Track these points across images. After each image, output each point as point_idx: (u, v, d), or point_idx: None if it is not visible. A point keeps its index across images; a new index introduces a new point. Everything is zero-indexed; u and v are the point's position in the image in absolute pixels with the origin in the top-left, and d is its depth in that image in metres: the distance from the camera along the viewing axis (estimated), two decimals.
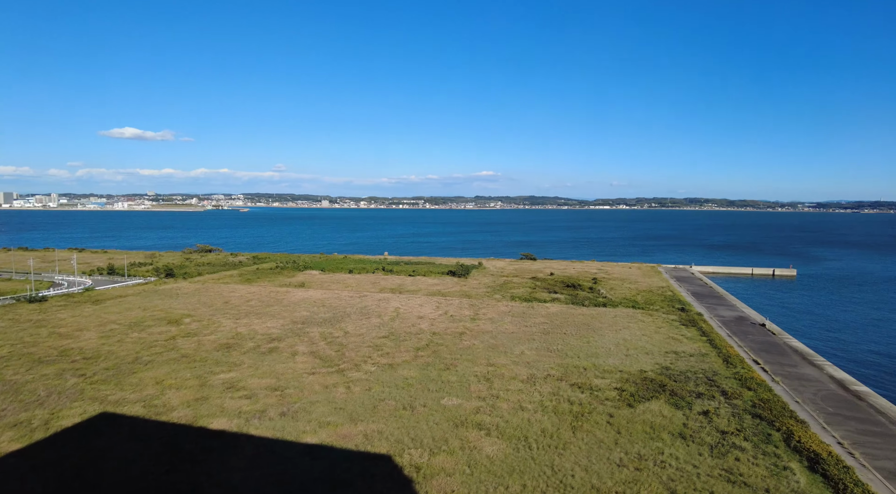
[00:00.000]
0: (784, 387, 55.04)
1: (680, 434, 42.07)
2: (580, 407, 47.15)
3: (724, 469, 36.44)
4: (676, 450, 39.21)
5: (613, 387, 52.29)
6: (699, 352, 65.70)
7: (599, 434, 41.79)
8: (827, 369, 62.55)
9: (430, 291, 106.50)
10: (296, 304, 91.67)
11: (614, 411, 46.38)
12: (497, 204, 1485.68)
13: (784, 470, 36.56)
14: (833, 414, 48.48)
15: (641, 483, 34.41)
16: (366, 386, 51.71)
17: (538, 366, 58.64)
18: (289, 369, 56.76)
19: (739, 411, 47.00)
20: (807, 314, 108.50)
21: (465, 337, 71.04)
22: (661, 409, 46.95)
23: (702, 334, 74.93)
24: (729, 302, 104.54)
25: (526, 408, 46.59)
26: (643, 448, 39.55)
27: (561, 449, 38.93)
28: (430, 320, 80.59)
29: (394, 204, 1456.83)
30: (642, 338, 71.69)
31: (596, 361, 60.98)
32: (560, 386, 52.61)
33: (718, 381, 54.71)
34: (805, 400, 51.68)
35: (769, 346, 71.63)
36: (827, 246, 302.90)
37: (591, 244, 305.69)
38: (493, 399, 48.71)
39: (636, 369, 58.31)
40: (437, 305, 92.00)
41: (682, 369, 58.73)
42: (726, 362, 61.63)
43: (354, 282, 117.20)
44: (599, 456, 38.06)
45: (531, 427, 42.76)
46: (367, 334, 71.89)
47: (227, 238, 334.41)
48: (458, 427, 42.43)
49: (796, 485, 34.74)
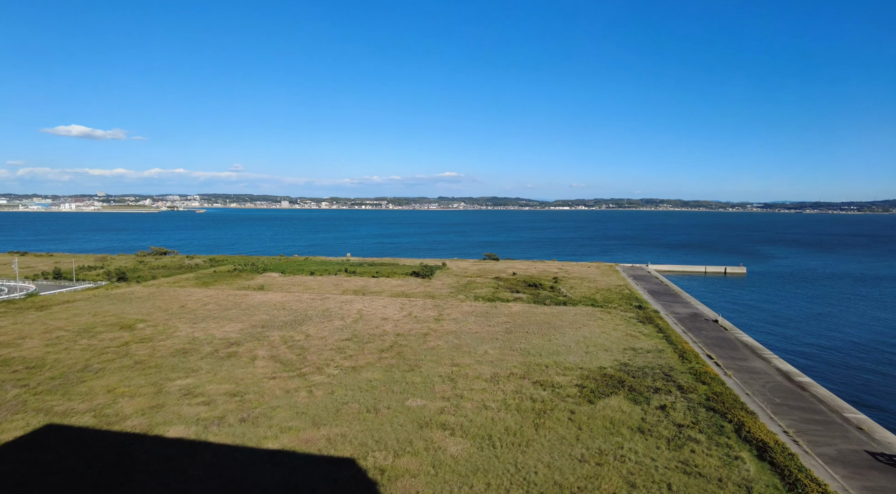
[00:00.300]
0: (735, 381, 57.40)
1: (639, 428, 43.29)
2: (542, 404, 47.89)
3: (680, 461, 37.71)
4: (635, 444, 40.34)
5: (574, 384, 53.34)
6: (656, 349, 67.75)
7: (561, 430, 42.56)
8: (774, 362, 65.60)
9: (394, 292, 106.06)
10: (255, 308, 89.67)
11: (575, 407, 47.33)
12: (460, 204, 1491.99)
13: (735, 460, 38.13)
14: (779, 405, 50.89)
15: (602, 477, 35.24)
16: (328, 389, 51.07)
17: (501, 365, 59.23)
18: (248, 374, 55.47)
19: (694, 404, 48.73)
20: (756, 309, 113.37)
21: (430, 337, 71.07)
22: (620, 405, 48.20)
23: (658, 331, 77.28)
24: (684, 299, 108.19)
25: (490, 407, 47.00)
26: (604, 443, 40.51)
27: (524, 447, 39.46)
28: (393, 321, 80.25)
29: (356, 204, 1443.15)
30: (601, 336, 73.40)
31: (557, 359, 62.05)
32: (523, 384, 53.30)
33: (675, 376, 56.56)
34: (754, 392, 54.05)
35: (721, 341, 74.54)
36: (774, 244, 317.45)
37: (552, 244, 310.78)
38: (457, 399, 48.92)
39: (596, 366, 59.66)
40: (401, 306, 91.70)
41: (640, 365, 60.44)
42: (682, 357, 63.78)
43: (316, 285, 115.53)
44: (561, 453, 38.76)
45: (495, 425, 43.16)
46: (329, 337, 70.99)
47: (184, 240, 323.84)
48: (423, 428, 42.43)
49: (746, 473, 36.30)
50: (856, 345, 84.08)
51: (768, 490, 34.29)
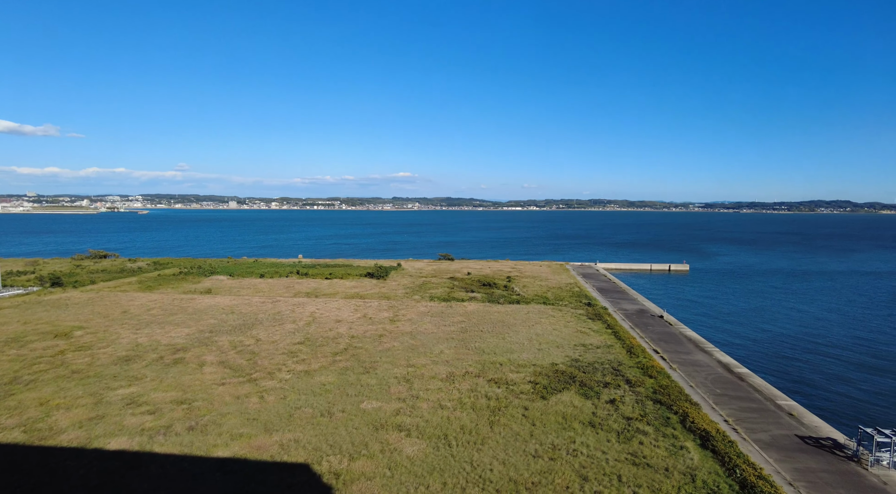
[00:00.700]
0: (680, 373, 59.97)
1: (590, 422, 44.55)
2: (497, 401, 48.53)
3: (629, 453, 39.07)
4: (587, 438, 41.50)
5: (528, 381, 54.33)
6: (605, 344, 69.88)
7: (516, 427, 43.27)
8: (715, 354, 68.95)
9: (348, 294, 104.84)
10: (202, 312, 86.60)
11: (529, 404, 48.21)
12: (415, 205, 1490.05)
13: (681, 450, 39.86)
14: (720, 395, 53.55)
15: (555, 472, 36.08)
16: (280, 394, 49.97)
17: (457, 364, 59.61)
18: (196, 380, 53.55)
19: (642, 397, 50.57)
20: (698, 305, 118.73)
21: (385, 339, 70.69)
22: (571, 400, 49.46)
23: (607, 327, 79.72)
24: (631, 296, 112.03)
25: (445, 407, 47.22)
26: (556, 438, 41.47)
27: (479, 445, 39.89)
28: (348, 324, 79.34)
29: (308, 205, 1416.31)
30: (553, 333, 75.04)
31: (511, 356, 63.01)
32: (478, 382, 53.84)
33: (623, 371, 58.52)
34: (697, 384, 56.65)
35: (667, 336, 77.66)
36: (715, 242, 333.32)
37: (506, 244, 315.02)
38: (413, 399, 48.90)
39: (548, 362, 60.96)
40: (356, 308, 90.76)
41: (591, 360, 62.19)
42: (630, 352, 66.05)
43: (266, 287, 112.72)
44: (516, 449, 39.41)
45: (451, 424, 43.41)
46: (280, 341, 69.44)
47: (125, 242, 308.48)
48: (379, 430, 42.19)
49: (690, 462, 38.03)
50: (787, 337, 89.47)
51: (710, 476, 36.04)
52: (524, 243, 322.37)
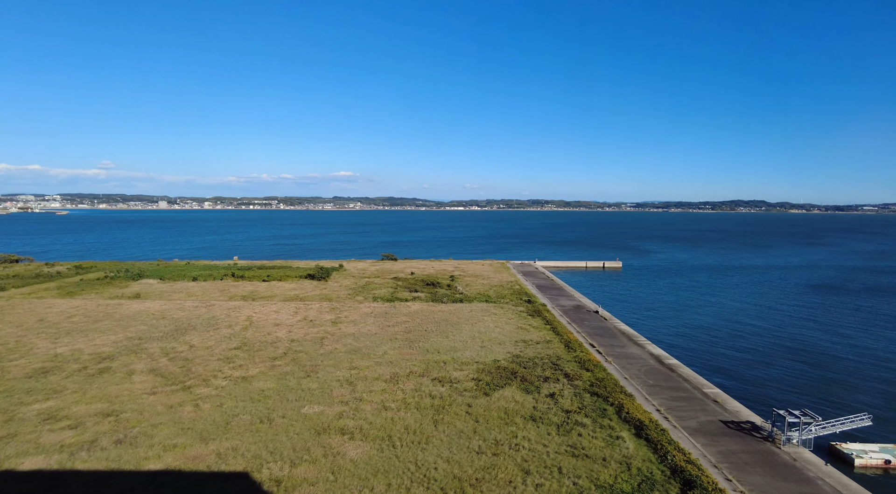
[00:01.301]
0: (615, 366, 62.57)
1: (531, 416, 45.69)
2: (441, 400, 48.85)
3: (569, 445, 40.40)
4: (528, 432, 42.55)
5: (471, 378, 55.01)
6: (544, 340, 71.83)
7: (459, 424, 43.73)
8: (647, 347, 72.43)
9: (287, 296, 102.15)
10: (130, 318, 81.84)
11: (472, 401, 48.85)
12: (356, 204, 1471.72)
13: (617, 439, 41.63)
14: (653, 386, 56.35)
15: (499, 467, 36.77)
16: (217, 401, 48.07)
17: (401, 365, 59.47)
18: (124, 391, 50.58)
19: (580, 390, 52.40)
20: (631, 299, 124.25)
21: (327, 341, 69.46)
22: (513, 395, 50.54)
23: (546, 323, 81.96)
24: (568, 293, 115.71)
25: (389, 408, 47.03)
26: (499, 433, 42.27)
27: (424, 444, 40.02)
28: (287, 327, 77.33)
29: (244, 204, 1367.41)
30: (495, 330, 76.34)
31: (455, 355, 63.57)
32: (422, 381, 53.96)
33: (562, 365, 60.39)
34: (632, 376, 59.33)
35: (602, 330, 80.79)
36: (647, 240, 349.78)
37: (449, 243, 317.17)
38: (356, 402, 48.37)
39: (491, 359, 61.98)
40: (295, 311, 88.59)
41: (531, 356, 63.76)
42: (568, 347, 68.22)
43: (200, 291, 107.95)
44: (460, 446, 39.85)
45: (395, 425, 43.29)
46: (216, 346, 66.75)
47: (43, 246, 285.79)
48: (321, 435, 41.45)
49: (626, 450, 39.81)
50: (711, 328, 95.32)
51: (644, 464, 37.88)
52: (467, 243, 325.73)
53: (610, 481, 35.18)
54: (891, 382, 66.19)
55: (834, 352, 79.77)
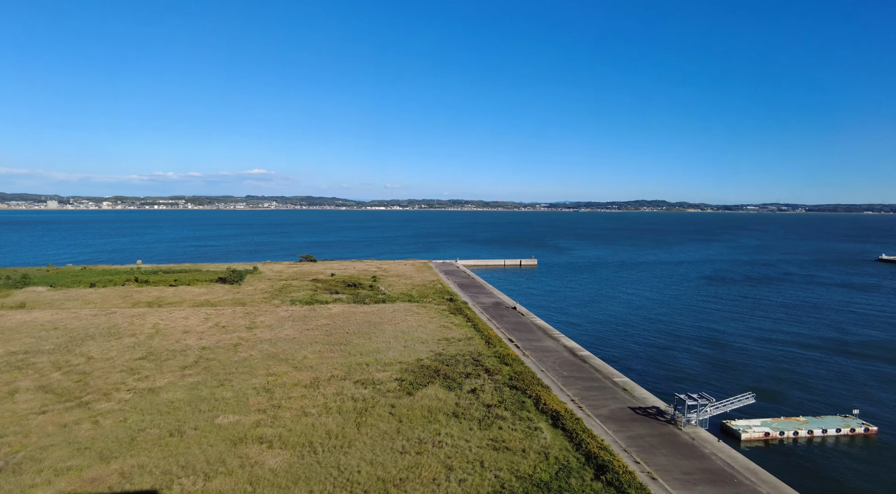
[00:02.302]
0: (532, 360, 64.97)
1: (453, 413, 46.41)
2: (364, 402, 48.37)
3: (490, 439, 41.47)
4: (451, 429, 43.19)
5: (394, 379, 54.92)
6: (466, 337, 73.16)
7: (383, 426, 43.54)
8: (562, 340, 75.86)
9: (197, 302, 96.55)
10: (13, 330, 73.77)
11: (396, 401, 48.80)
12: (272, 204, 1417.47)
13: (535, 431, 43.29)
14: (567, 377, 59.13)
15: (422, 465, 37.03)
16: (119, 416, 44.57)
17: (321, 369, 58.17)
18: (6, 412, 45.56)
19: (500, 385, 53.91)
20: (546, 295, 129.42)
21: (241, 348, 66.46)
22: (436, 393, 51.07)
23: (467, 320, 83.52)
24: (488, 290, 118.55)
25: (310, 413, 45.89)
26: (423, 432, 42.56)
27: (346, 448, 39.46)
28: (197, 334, 73.13)
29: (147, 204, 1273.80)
30: (418, 329, 76.69)
31: (378, 356, 63.14)
32: (344, 385, 53.12)
33: (483, 360, 61.81)
34: (548, 368, 61.90)
35: (520, 326, 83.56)
36: (561, 238, 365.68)
37: (370, 243, 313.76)
38: (274, 409, 46.73)
39: (414, 358, 62.21)
40: (206, 317, 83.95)
41: (453, 353, 64.72)
42: (488, 343, 69.94)
43: (98, 298, 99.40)
44: (383, 448, 39.69)
45: (316, 431, 42.32)
46: (117, 358, 61.83)
47: None
48: (237, 445, 39.66)
49: (544, 441, 41.51)
50: (620, 319, 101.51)
51: (561, 452, 39.69)
52: (389, 243, 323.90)
53: (529, 471, 36.53)
54: (768, 362, 73.84)
55: (724, 338, 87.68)
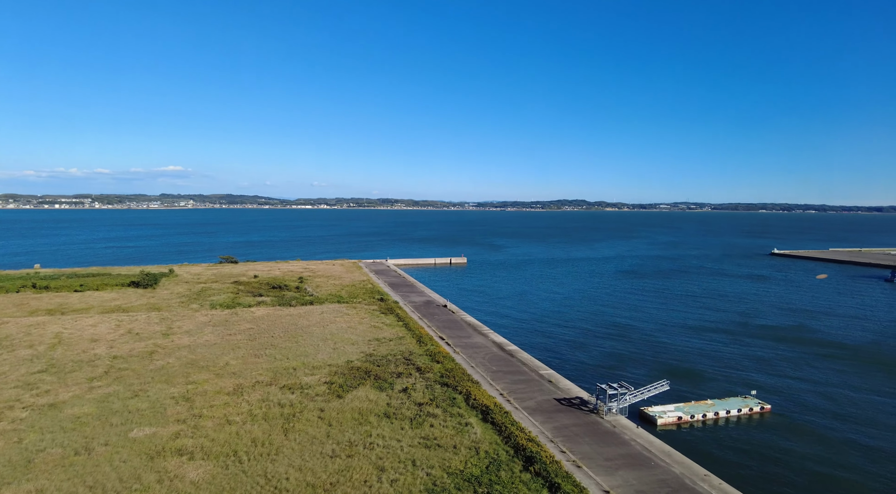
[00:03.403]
0: (463, 356, 65.85)
1: (385, 413, 46.14)
2: (291, 408, 47.01)
3: (422, 437, 41.61)
4: (382, 429, 42.91)
5: (323, 382, 53.78)
6: (397, 336, 72.93)
7: (312, 430, 42.52)
8: (491, 336, 77.46)
9: (107, 308, 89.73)
10: None
11: (325, 405, 47.82)
12: (189, 203, 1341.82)
13: (466, 426, 43.93)
14: (496, 372, 60.46)
15: (353, 468, 36.54)
16: (14, 437, 40.58)
17: (246, 375, 55.90)
18: None
19: (431, 383, 54.21)
20: (475, 292, 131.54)
21: (157, 356, 62.52)
22: (367, 394, 50.55)
23: (398, 319, 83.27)
24: (419, 289, 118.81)
25: (234, 421, 44.00)
26: (353, 434, 41.98)
27: (274, 455, 38.20)
28: (107, 343, 68.00)
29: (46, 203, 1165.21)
30: (348, 330, 75.51)
31: (305, 360, 61.55)
32: (270, 390, 51.35)
33: (414, 359, 61.88)
34: (477, 364, 62.98)
35: (451, 323, 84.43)
36: (492, 236, 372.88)
37: (297, 243, 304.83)
38: (195, 419, 44.37)
39: (343, 360, 61.21)
40: (118, 324, 78.22)
41: (384, 353, 64.31)
42: (419, 341, 70.10)
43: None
44: (313, 453, 38.77)
45: (240, 439, 40.64)
46: (11, 372, 56.25)
47: None
48: (154, 459, 37.29)
49: (475, 436, 42.22)
50: (545, 314, 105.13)
51: (491, 446, 40.54)
52: (317, 242, 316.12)
53: (461, 467, 37.04)
54: (680, 349, 79.27)
55: (642, 328, 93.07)
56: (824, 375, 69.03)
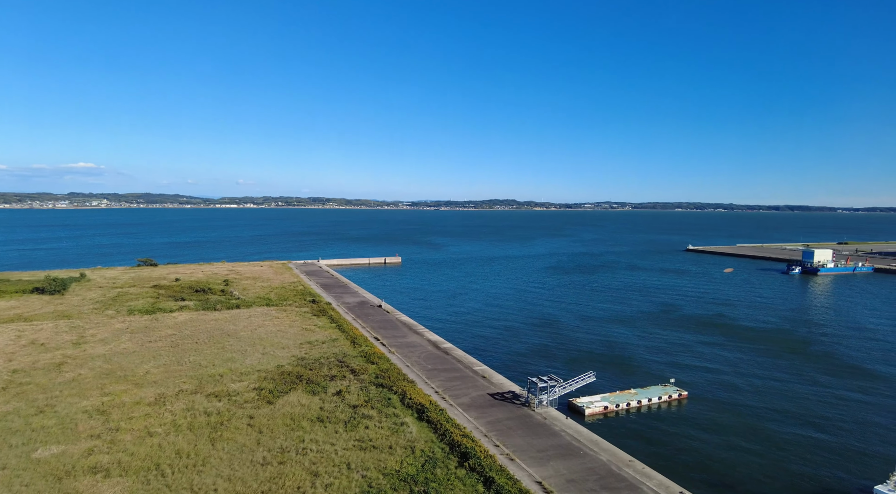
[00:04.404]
0: (398, 356, 65.71)
1: (318, 418, 45.23)
2: (219, 416, 45.07)
3: (357, 440, 41.17)
4: (316, 434, 42.06)
5: (252, 388, 51.94)
6: (330, 338, 71.63)
7: (241, 438, 40.98)
8: (426, 335, 77.78)
9: (5, 317, 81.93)
10: None
11: (255, 412, 46.21)
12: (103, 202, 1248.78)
13: (401, 426, 43.90)
14: (431, 370, 60.83)
15: (286, 475, 35.58)
16: None
17: (168, 384, 52.94)
18: None
19: (366, 384, 53.72)
20: (410, 292, 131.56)
21: (67, 367, 57.88)
22: (299, 399, 49.33)
23: (332, 321, 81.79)
24: (353, 289, 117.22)
25: (156, 433, 41.57)
26: (285, 440, 40.86)
27: (200, 466, 36.48)
28: (6, 355, 62.15)
29: None
30: (278, 334, 73.28)
31: (233, 366, 59.17)
32: (195, 399, 48.94)
33: (348, 361, 61.03)
34: (413, 363, 63.08)
35: (386, 323, 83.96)
36: (428, 234, 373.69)
37: (222, 245, 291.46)
38: (111, 433, 41.52)
39: (274, 365, 59.36)
40: (18, 334, 71.66)
41: (317, 356, 62.98)
42: (353, 343, 69.22)
43: None
44: (242, 461, 37.39)
45: (163, 452, 38.47)
46: None
47: None
48: (63, 480, 34.55)
49: (410, 435, 42.29)
50: (478, 310, 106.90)
51: (427, 444, 40.76)
52: (244, 243, 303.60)
53: (396, 467, 37.00)
54: (606, 340, 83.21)
55: (570, 321, 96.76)
56: (735, 361, 74.78)
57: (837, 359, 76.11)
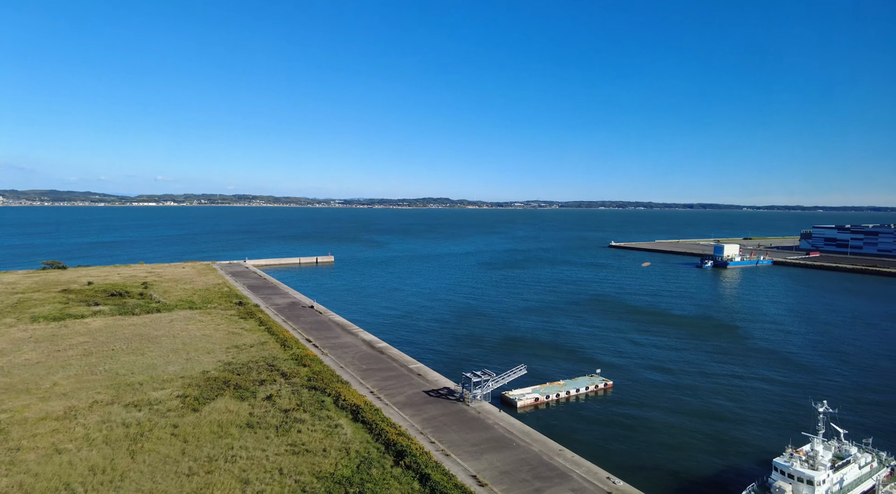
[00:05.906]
0: (331, 357, 64.60)
1: (247, 424, 43.66)
2: (139, 427, 42.45)
3: (289, 444, 40.12)
4: (245, 441, 40.58)
5: (176, 396, 49.32)
6: (259, 342, 69.24)
7: (164, 449, 38.82)
8: (360, 334, 76.95)
9: None
10: None
11: (179, 420, 43.92)
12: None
13: (336, 428, 43.25)
14: (366, 370, 60.30)
15: (214, 484, 34.10)
16: None
17: (80, 396, 49.18)
18: None
19: (298, 387, 52.42)
20: (344, 291, 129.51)
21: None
22: (227, 405, 47.38)
23: (260, 324, 79.06)
24: (282, 290, 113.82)
25: (65, 450, 38.52)
26: (213, 449, 39.14)
27: (118, 482, 34.23)
28: None
29: None
30: (202, 339, 69.95)
31: (153, 373, 55.88)
32: (111, 410, 45.81)
33: (278, 365, 59.28)
34: (347, 364, 62.24)
35: (318, 324, 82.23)
36: (363, 233, 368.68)
37: (140, 245, 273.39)
38: (11, 453, 38.04)
39: (199, 371, 56.65)
40: None
41: (245, 361, 60.70)
42: (284, 346, 67.29)
43: None
44: (166, 473, 35.45)
45: (74, 469, 35.73)
46: None
47: None
48: None
49: (345, 437, 41.76)
50: (413, 309, 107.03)
51: (362, 445, 40.41)
52: (163, 243, 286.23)
53: (331, 470, 36.44)
54: (535, 333, 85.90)
55: (500, 316, 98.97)
56: (654, 348, 79.45)
57: (747, 343, 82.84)
